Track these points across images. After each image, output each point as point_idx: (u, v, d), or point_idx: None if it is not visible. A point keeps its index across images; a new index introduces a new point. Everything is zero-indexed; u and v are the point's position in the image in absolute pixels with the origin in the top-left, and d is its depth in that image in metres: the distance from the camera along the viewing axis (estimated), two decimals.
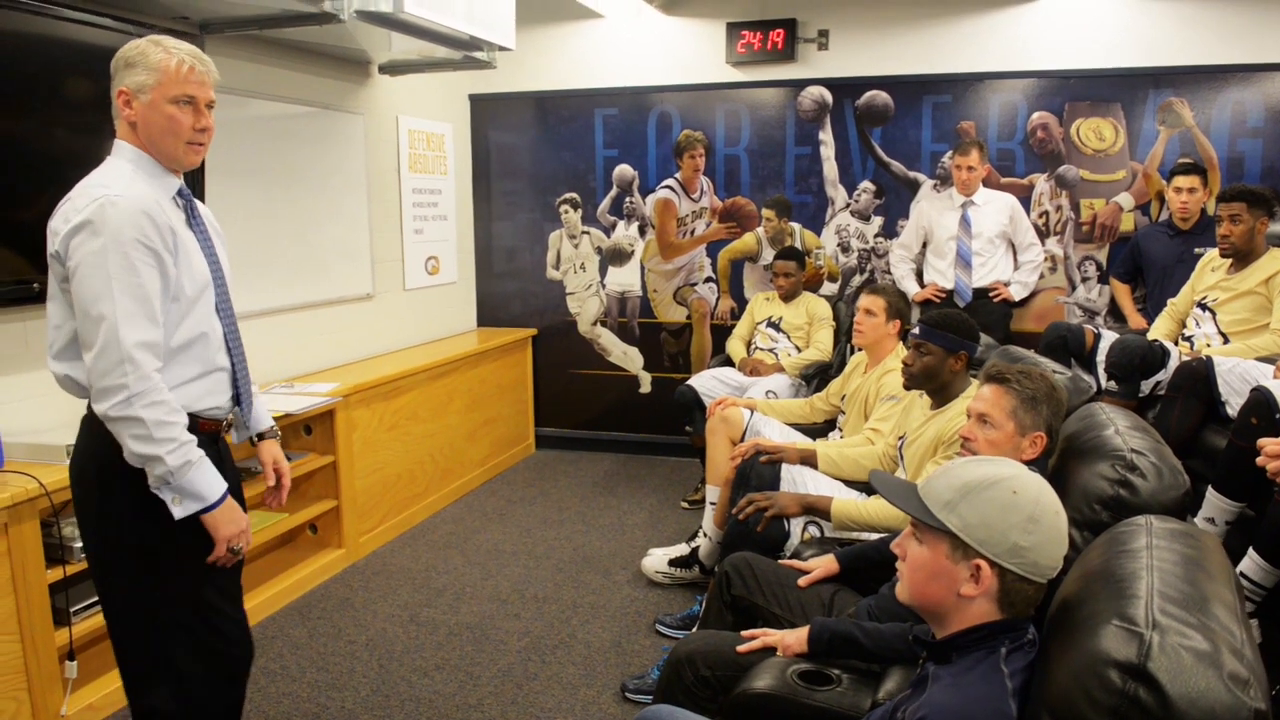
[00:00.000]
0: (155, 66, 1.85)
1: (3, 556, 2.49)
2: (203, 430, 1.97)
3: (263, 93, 3.96)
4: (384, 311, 4.93)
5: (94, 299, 1.75)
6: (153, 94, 1.85)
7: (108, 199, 1.77)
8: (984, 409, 2.15)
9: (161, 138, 1.88)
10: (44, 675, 2.62)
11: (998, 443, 2.11)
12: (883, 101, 5.04)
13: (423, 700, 2.92)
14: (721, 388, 4.60)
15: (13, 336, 2.94)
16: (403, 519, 4.43)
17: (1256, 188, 3.69)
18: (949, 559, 1.39)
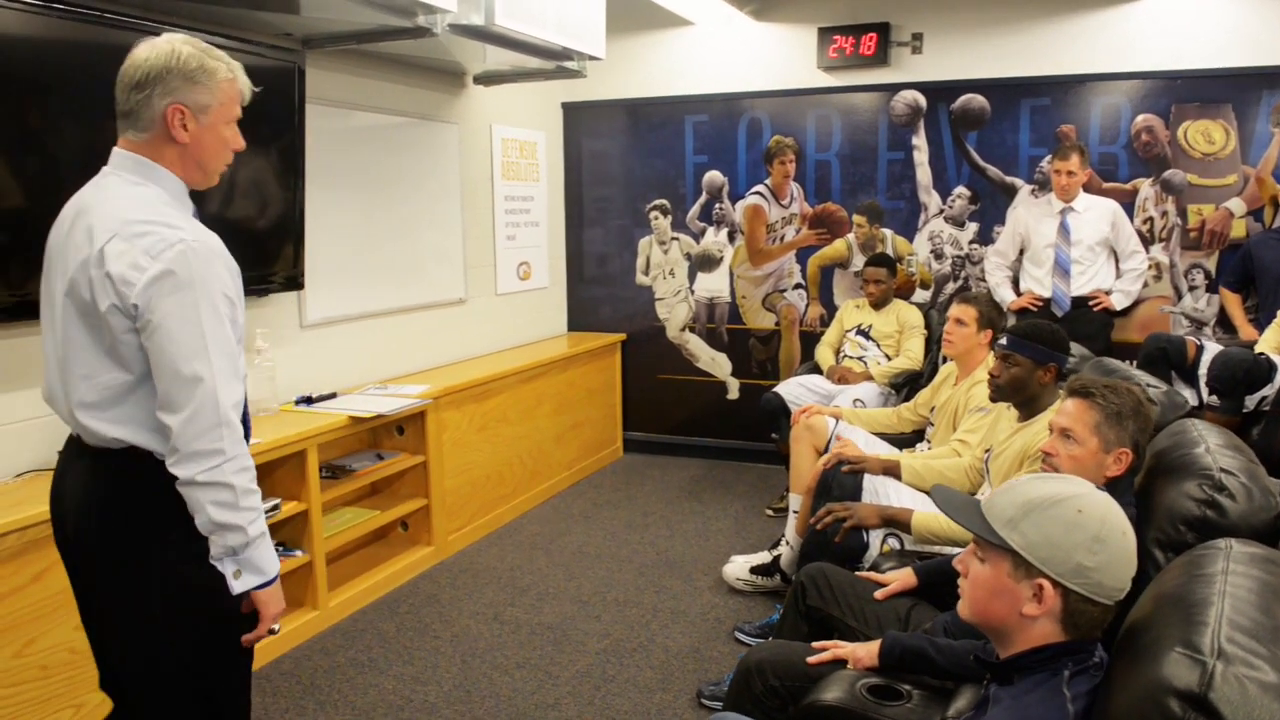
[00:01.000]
0: (219, 88, 1.72)
1: None
2: None
3: (362, 105, 4.11)
4: (476, 316, 5.05)
5: (188, 358, 1.61)
6: (213, 116, 1.72)
7: (187, 246, 1.62)
8: (1067, 424, 2.09)
9: (213, 161, 1.77)
10: None
11: (1081, 459, 2.06)
12: (979, 105, 4.93)
13: (502, 697, 2.98)
14: (808, 395, 4.57)
15: None
16: (490, 519, 4.53)
17: None
18: (1010, 577, 1.37)
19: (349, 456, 3.89)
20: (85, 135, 2.81)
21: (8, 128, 2.60)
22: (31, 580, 2.45)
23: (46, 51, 2.65)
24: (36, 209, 2.69)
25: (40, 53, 2.63)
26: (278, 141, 3.45)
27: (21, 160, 2.65)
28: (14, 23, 2.56)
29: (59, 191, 2.74)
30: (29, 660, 2.45)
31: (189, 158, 1.73)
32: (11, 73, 2.58)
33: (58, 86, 2.70)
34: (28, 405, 2.82)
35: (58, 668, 2.53)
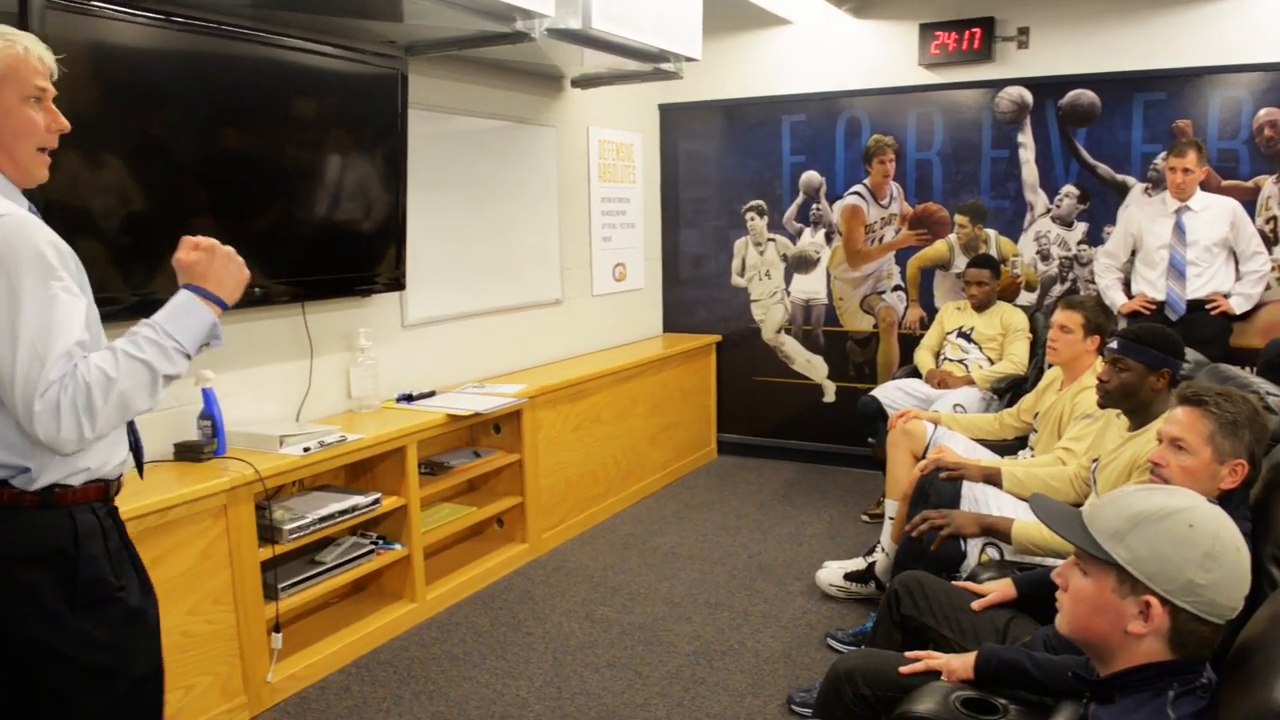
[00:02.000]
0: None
1: (222, 535, 2.76)
2: (82, 500, 1.61)
3: (462, 109, 4.20)
4: (572, 316, 5.10)
5: None
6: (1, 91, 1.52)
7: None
8: (1178, 433, 2.00)
9: (15, 144, 1.57)
10: (254, 644, 2.88)
11: (1193, 470, 1.97)
12: (1088, 100, 4.75)
13: (593, 695, 3.00)
14: (906, 399, 4.48)
15: (236, 336, 3.24)
16: (584, 518, 4.57)
17: None
18: (1115, 593, 1.31)
19: (447, 453, 3.98)
20: (202, 142, 2.95)
21: (130, 135, 2.74)
22: (148, 565, 2.57)
23: (166, 62, 2.78)
24: (157, 213, 2.84)
25: (160, 63, 2.77)
26: (381, 146, 3.55)
27: (143, 166, 2.79)
28: (136, 35, 2.70)
29: (177, 196, 2.90)
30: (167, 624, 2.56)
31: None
32: (134, 83, 2.72)
33: (176, 95, 2.84)
34: None
35: (171, 649, 2.63)
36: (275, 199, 3.22)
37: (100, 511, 1.64)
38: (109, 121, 2.67)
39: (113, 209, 2.71)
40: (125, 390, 1.52)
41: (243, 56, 3.02)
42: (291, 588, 3.06)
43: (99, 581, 1.60)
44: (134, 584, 1.68)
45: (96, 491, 1.63)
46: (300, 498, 3.26)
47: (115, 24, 2.63)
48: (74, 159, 2.56)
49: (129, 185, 2.75)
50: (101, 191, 2.68)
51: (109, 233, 2.71)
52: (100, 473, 1.63)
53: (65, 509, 1.58)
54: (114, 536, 1.65)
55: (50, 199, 2.50)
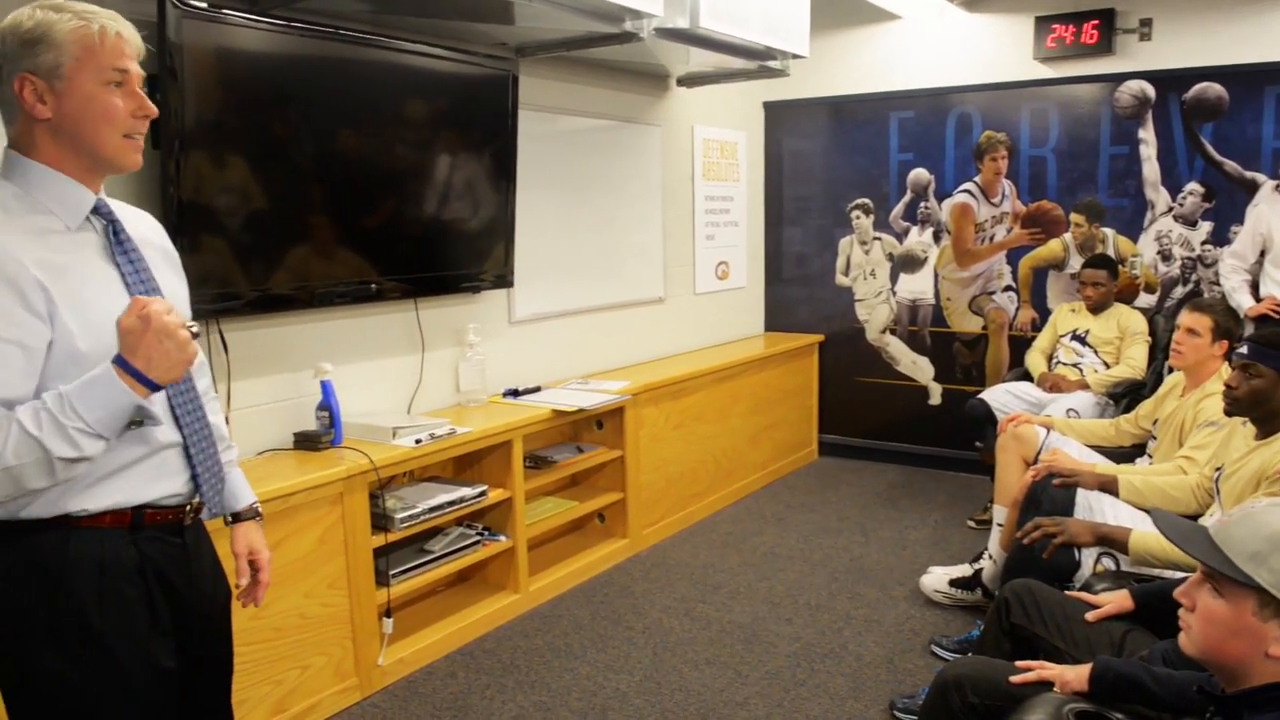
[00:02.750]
0: (67, 39, 1.39)
1: (338, 521, 2.86)
2: (150, 524, 1.50)
3: (571, 109, 4.25)
4: (674, 314, 5.12)
5: None
6: (71, 75, 1.39)
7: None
8: None
9: (91, 134, 1.42)
10: (366, 629, 2.99)
11: None
12: (1215, 94, 4.54)
13: (692, 691, 3.02)
14: (1016, 403, 4.36)
15: (353, 331, 3.36)
16: (684, 515, 4.58)
17: None
18: (1256, 616, 1.26)
19: (551, 448, 4.05)
20: (320, 142, 3.06)
21: (255, 136, 2.86)
22: (271, 547, 2.69)
23: (288, 66, 2.90)
24: (276, 211, 2.96)
25: (283, 67, 2.89)
26: (492, 145, 3.63)
27: (265, 166, 2.91)
28: (262, 41, 2.82)
29: (296, 195, 3.02)
30: (264, 623, 2.69)
31: (60, 137, 1.42)
32: (258, 85, 2.84)
33: (296, 97, 2.96)
34: (271, 389, 3.10)
35: (289, 630, 2.77)
36: (389, 198, 3.32)
37: (119, 540, 1.47)
38: (234, 122, 2.80)
39: (236, 207, 2.84)
40: (13, 468, 1.32)
41: (360, 60, 3.13)
42: (402, 575, 3.16)
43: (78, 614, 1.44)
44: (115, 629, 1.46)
45: (115, 519, 1.47)
46: (411, 488, 3.36)
47: (243, 30, 2.76)
48: (202, 159, 2.70)
49: (251, 184, 2.88)
50: (226, 190, 2.80)
51: (231, 230, 2.84)
52: (113, 504, 1.47)
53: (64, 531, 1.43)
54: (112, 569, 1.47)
55: (183, 198, 2.65)
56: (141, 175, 2.73)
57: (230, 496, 1.76)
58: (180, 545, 1.57)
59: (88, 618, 1.43)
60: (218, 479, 1.63)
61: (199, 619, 1.61)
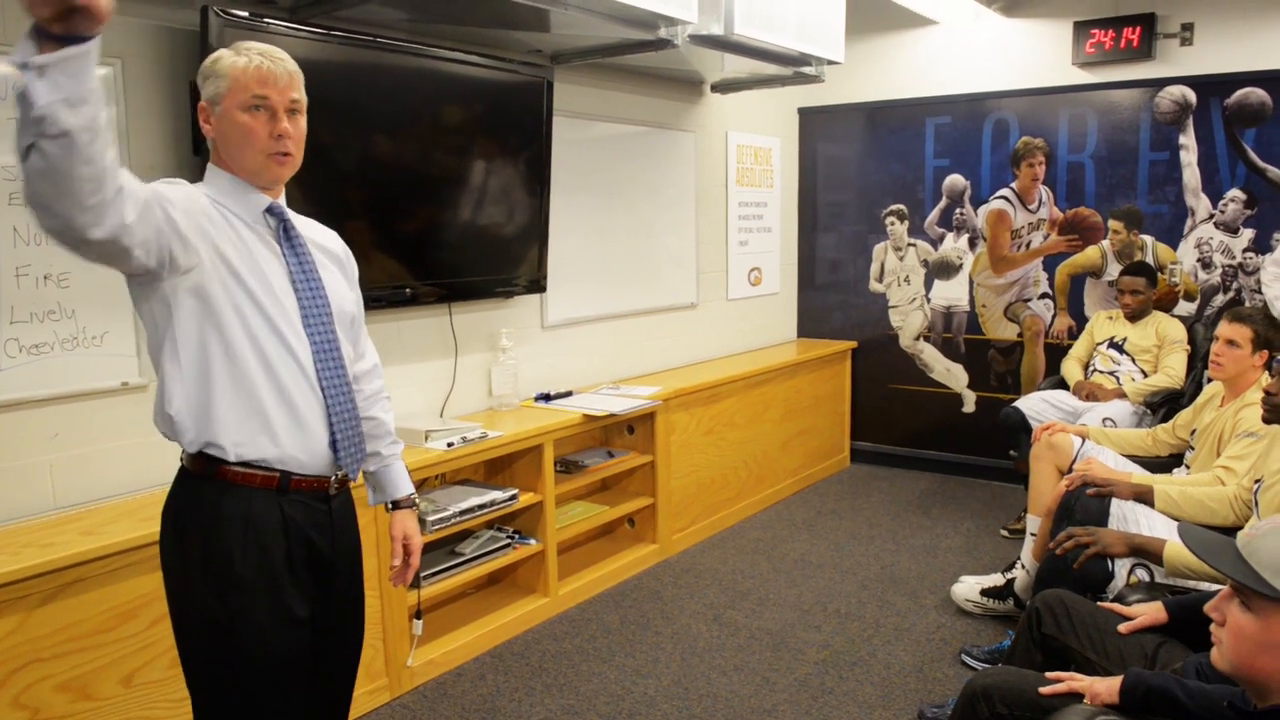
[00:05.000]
0: (226, 74, 1.63)
1: (371, 522, 2.89)
2: (296, 489, 1.70)
3: (605, 115, 4.28)
4: (707, 320, 5.12)
5: None
6: (225, 103, 1.64)
7: None
8: None
9: (238, 151, 1.67)
10: (396, 629, 3.02)
11: None
12: (1258, 100, 4.47)
13: (720, 698, 3.02)
14: (1052, 411, 4.32)
15: (389, 334, 3.40)
16: (714, 521, 4.58)
17: None
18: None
19: (582, 453, 4.06)
20: (358, 148, 3.10)
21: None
22: None
23: (328, 73, 2.94)
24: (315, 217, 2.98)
25: (322, 74, 2.92)
26: (526, 151, 3.66)
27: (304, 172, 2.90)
28: (302, 49, 2.86)
29: (334, 200, 3.06)
30: None
31: (222, 151, 1.69)
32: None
33: (335, 104, 3.00)
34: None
35: None
36: (425, 203, 3.36)
37: (267, 500, 1.66)
38: None
39: None
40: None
41: (397, 67, 3.17)
42: (432, 576, 3.19)
43: (225, 561, 1.64)
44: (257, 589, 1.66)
45: (265, 480, 1.66)
46: (442, 490, 3.39)
47: (284, 39, 2.80)
48: None
49: (290, 190, 2.91)
50: None
51: None
52: (259, 458, 1.65)
53: (220, 485, 1.65)
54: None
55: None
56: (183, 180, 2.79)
57: (391, 486, 1.99)
58: (326, 512, 1.75)
59: (232, 564, 1.64)
60: (357, 448, 1.79)
61: (339, 580, 1.80)
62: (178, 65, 2.76)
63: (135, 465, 2.76)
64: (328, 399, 1.72)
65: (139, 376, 2.73)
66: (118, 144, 2.64)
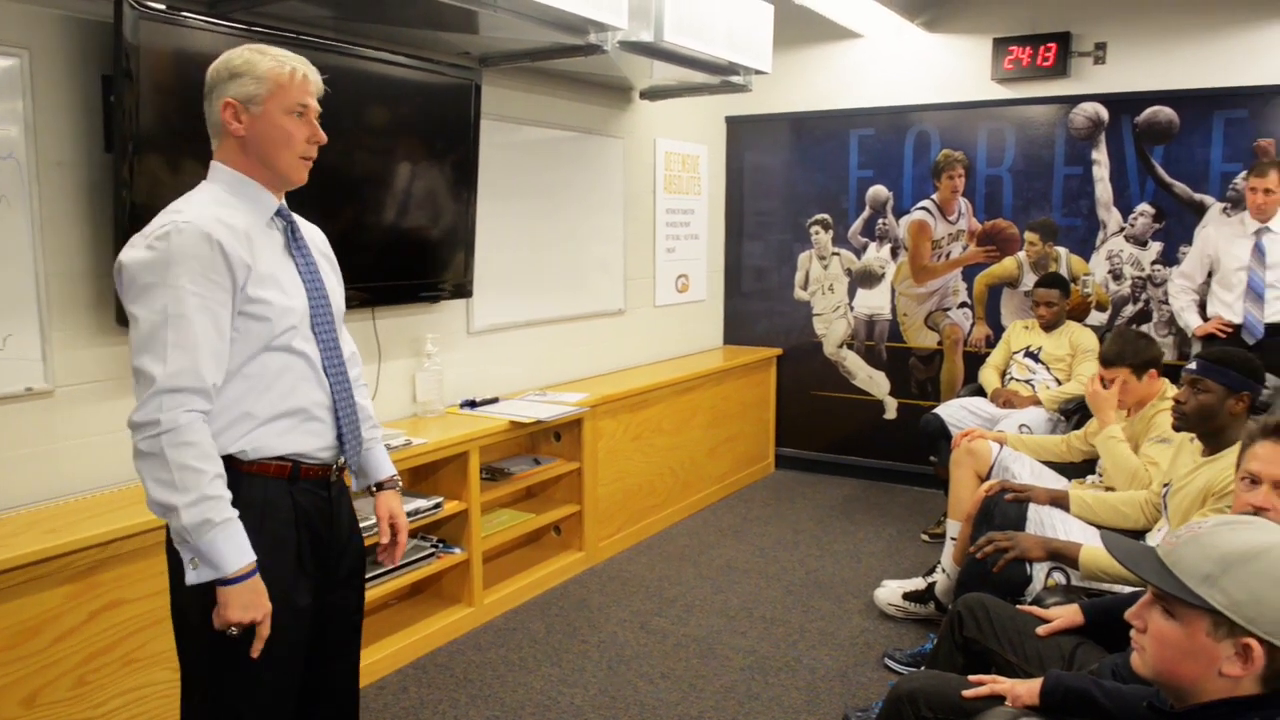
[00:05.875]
0: (266, 75, 1.71)
1: None
2: (305, 477, 1.79)
3: (534, 120, 4.25)
4: (634, 327, 5.12)
5: (140, 350, 1.61)
6: (265, 104, 1.71)
7: (174, 227, 1.63)
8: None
9: (274, 152, 1.74)
10: None
11: None
12: (1166, 118, 4.65)
13: (647, 705, 3.00)
14: (970, 418, 4.42)
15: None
16: (641, 528, 4.58)
17: None
18: (1210, 637, 1.27)
19: (508, 460, 4.02)
20: None
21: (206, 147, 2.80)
22: None
23: None
24: None
25: None
26: (453, 155, 3.61)
27: None
28: (222, 45, 2.76)
29: None
30: None
31: (249, 151, 1.74)
32: None
33: None
34: None
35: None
36: (348, 205, 3.29)
37: (280, 489, 1.76)
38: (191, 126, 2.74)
39: None
40: (172, 465, 1.58)
41: (320, 66, 3.05)
42: (372, 581, 3.10)
43: None
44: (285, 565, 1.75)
45: (278, 469, 1.75)
46: (365, 499, 3.31)
47: (201, 33, 2.71)
48: (157, 162, 2.65)
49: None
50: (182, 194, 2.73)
51: None
52: (276, 452, 1.74)
53: (236, 475, 1.70)
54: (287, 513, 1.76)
55: (135, 201, 2.60)
56: (92, 178, 2.69)
57: (374, 468, 2.04)
58: (326, 499, 1.84)
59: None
60: (357, 440, 1.90)
61: (336, 565, 1.88)
62: (89, 57, 2.65)
63: (41, 475, 2.64)
64: (335, 395, 1.83)
65: (44, 381, 2.61)
66: (24, 139, 2.53)
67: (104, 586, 2.40)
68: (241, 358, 1.69)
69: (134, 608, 2.46)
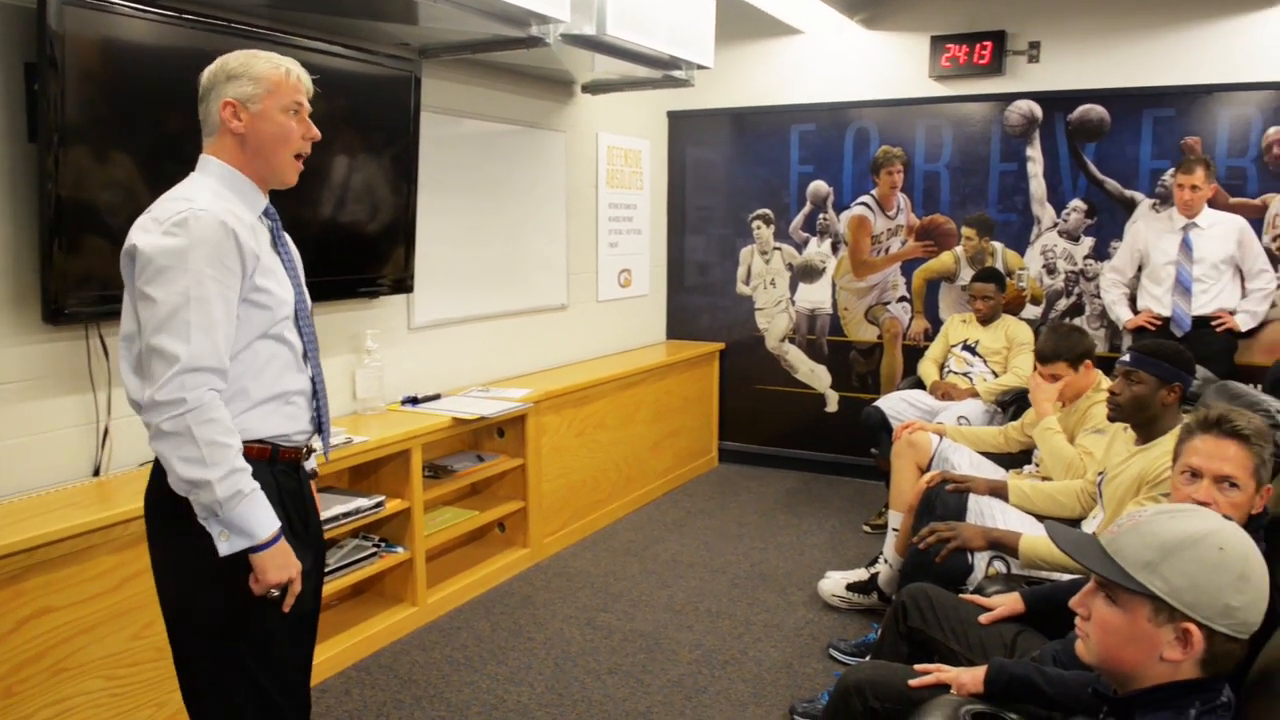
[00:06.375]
0: (263, 76, 1.79)
1: None
2: (283, 459, 1.86)
3: (473, 113, 4.19)
4: (577, 322, 5.09)
5: (157, 329, 1.65)
6: (264, 103, 1.79)
7: (191, 213, 1.68)
8: (1231, 471, 1.96)
9: (272, 149, 1.81)
10: None
11: (1241, 505, 1.95)
12: (1097, 116, 4.76)
13: (594, 702, 2.99)
14: (910, 410, 4.48)
15: None
16: (585, 523, 4.56)
17: None
18: (1151, 622, 1.31)
19: (451, 457, 3.97)
20: None
21: (140, 131, 2.72)
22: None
23: (178, 60, 2.76)
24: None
25: (172, 61, 2.74)
26: (392, 148, 3.55)
27: (151, 162, 2.76)
28: (151, 32, 2.69)
29: None
30: (146, 642, 2.56)
31: (247, 148, 1.81)
32: (147, 79, 2.70)
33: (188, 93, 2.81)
34: None
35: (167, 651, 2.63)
36: (283, 199, 3.18)
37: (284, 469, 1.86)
38: (119, 116, 2.66)
39: (119, 205, 2.68)
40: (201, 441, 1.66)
41: None
42: (330, 575, 3.04)
43: None
44: None
45: (259, 452, 1.80)
46: None
47: (129, 20, 2.62)
48: (83, 154, 2.56)
49: (136, 181, 2.73)
50: (109, 187, 2.66)
51: (115, 229, 2.67)
52: (259, 435, 1.81)
53: None
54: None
55: (61, 194, 2.50)
56: (16, 170, 2.58)
57: None
58: (299, 480, 1.92)
59: None
60: (329, 425, 1.98)
61: (312, 544, 1.95)
62: (12, 46, 2.55)
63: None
64: (315, 386, 1.91)
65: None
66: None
67: (31, 593, 2.32)
68: (240, 343, 1.75)
69: (63, 615, 2.38)
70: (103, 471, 2.84)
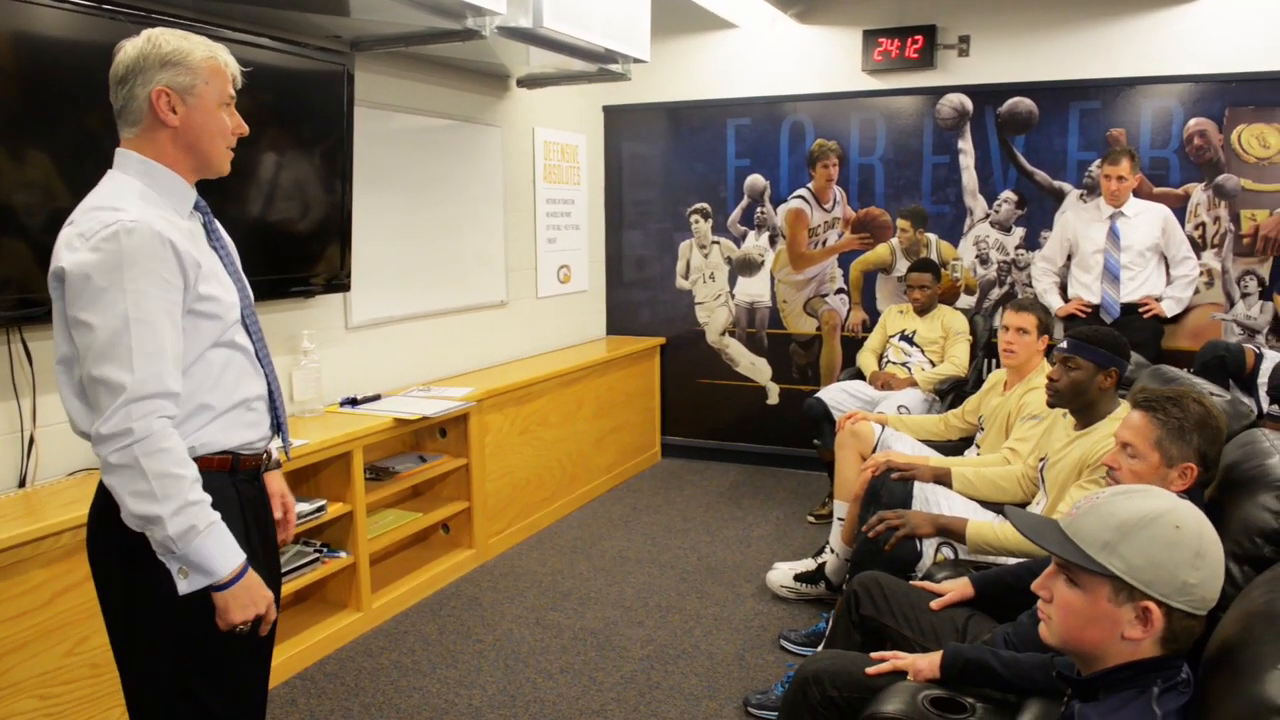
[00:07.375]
0: (200, 66, 1.66)
1: None
2: (244, 468, 1.78)
3: (407, 107, 4.12)
4: (517, 319, 5.04)
5: (99, 359, 1.54)
6: (200, 95, 1.66)
7: (121, 227, 1.55)
8: (1129, 438, 2.04)
9: (207, 143, 1.70)
10: None
11: (1142, 474, 2.00)
12: (1026, 109, 4.86)
13: (547, 702, 2.96)
14: (851, 401, 4.52)
15: None
16: (531, 522, 4.51)
17: None
18: (1111, 602, 1.33)
19: (393, 458, 3.90)
20: None
21: (58, 129, 2.61)
22: (84, 579, 2.45)
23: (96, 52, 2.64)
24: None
25: (90, 53, 2.62)
26: (325, 143, 3.46)
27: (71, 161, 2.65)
28: (65, 24, 2.57)
29: None
30: (80, 659, 2.46)
31: (179, 142, 1.68)
32: (62, 73, 2.58)
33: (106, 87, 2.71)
34: None
35: (108, 666, 2.52)
36: (209, 197, 3.08)
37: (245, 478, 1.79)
38: (35, 113, 2.54)
39: (37, 206, 2.57)
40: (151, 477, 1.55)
41: None
42: (286, 575, 2.95)
43: None
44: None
45: (220, 463, 1.72)
46: None
47: (44, 10, 2.51)
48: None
49: (54, 181, 2.62)
50: (26, 187, 2.54)
51: (33, 231, 2.57)
52: (221, 447, 1.72)
53: None
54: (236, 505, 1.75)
55: None
56: None
57: None
58: (259, 488, 1.86)
59: None
60: (286, 429, 1.92)
61: (267, 553, 1.87)
62: None
63: None
64: (270, 385, 1.83)
65: None
66: None
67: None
68: (191, 356, 1.65)
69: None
70: (29, 482, 2.72)
